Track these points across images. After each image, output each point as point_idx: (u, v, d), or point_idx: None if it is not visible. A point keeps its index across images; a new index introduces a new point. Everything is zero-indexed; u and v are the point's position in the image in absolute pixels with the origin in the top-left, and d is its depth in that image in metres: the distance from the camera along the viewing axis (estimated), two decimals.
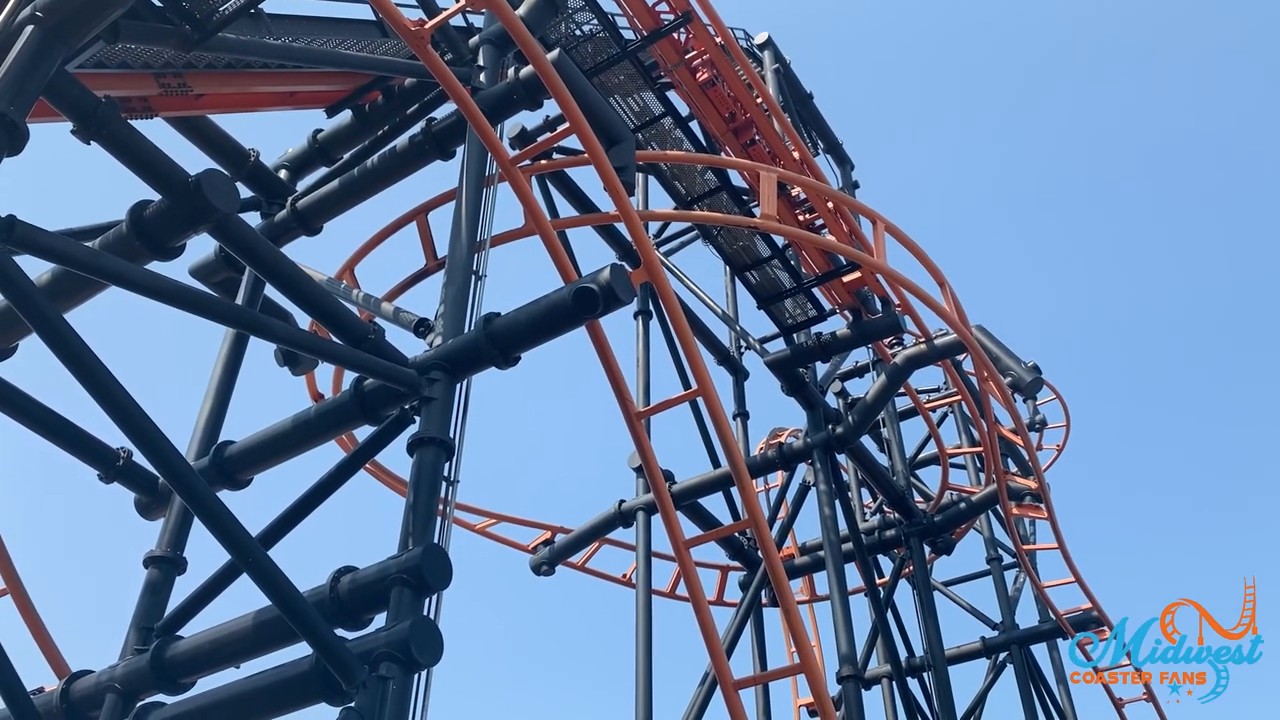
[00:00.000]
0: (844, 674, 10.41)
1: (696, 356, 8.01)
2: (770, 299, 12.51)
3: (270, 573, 5.20)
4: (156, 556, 6.90)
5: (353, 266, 10.59)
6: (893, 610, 13.67)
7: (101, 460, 7.17)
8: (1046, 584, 16.45)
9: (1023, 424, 15.23)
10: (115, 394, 4.92)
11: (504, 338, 6.42)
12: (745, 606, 12.24)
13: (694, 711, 10.84)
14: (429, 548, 5.55)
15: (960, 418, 19.36)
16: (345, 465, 6.83)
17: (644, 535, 11.89)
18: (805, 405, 12.39)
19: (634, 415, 7.80)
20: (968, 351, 12.25)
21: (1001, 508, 14.37)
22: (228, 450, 7.17)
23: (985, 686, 16.80)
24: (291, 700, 5.41)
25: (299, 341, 7.15)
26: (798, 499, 14.03)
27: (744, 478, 8.09)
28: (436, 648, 5.21)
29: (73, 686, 6.36)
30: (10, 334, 7.17)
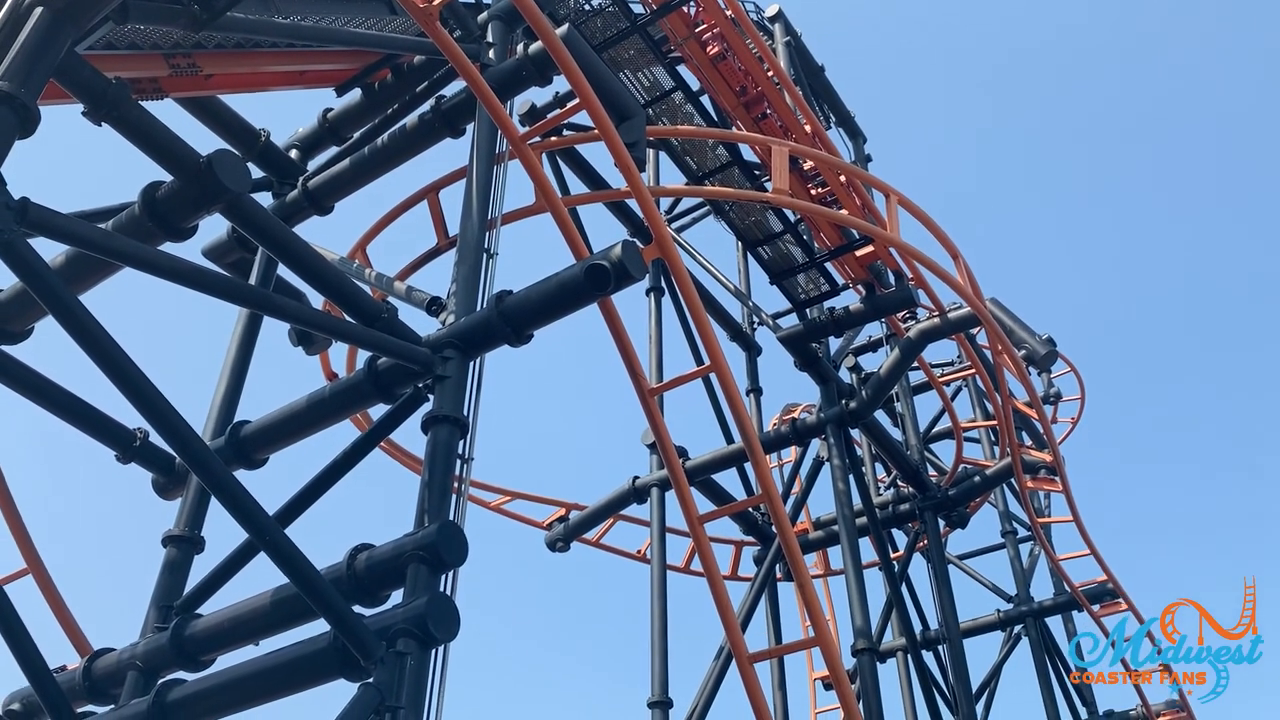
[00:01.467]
0: (859, 647, 10.45)
1: (709, 332, 7.99)
2: (782, 274, 12.47)
3: (288, 551, 5.24)
4: (175, 536, 6.97)
5: (364, 246, 10.60)
6: (907, 584, 13.69)
7: (118, 441, 7.22)
8: (1061, 557, 16.43)
9: (1037, 397, 15.17)
10: (131, 375, 4.95)
11: (516, 315, 6.42)
12: (760, 581, 12.27)
13: (709, 685, 10.90)
14: (445, 525, 5.58)
15: (974, 391, 19.30)
16: (360, 443, 6.86)
17: (658, 511, 11.92)
18: (818, 380, 12.36)
19: (647, 392, 7.80)
20: (982, 325, 12.19)
21: (1016, 481, 14.34)
22: (244, 430, 7.22)
23: (1000, 659, 16.84)
24: (310, 677, 5.46)
25: (312, 321, 7.17)
26: (811, 474, 14.04)
27: (757, 453, 8.09)
28: (453, 623, 5.25)
29: (95, 664, 6.44)
30: (26, 316, 7.21)
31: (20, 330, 7.31)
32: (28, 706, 6.57)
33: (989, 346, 13.95)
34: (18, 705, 6.63)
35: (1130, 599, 16.31)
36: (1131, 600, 16.32)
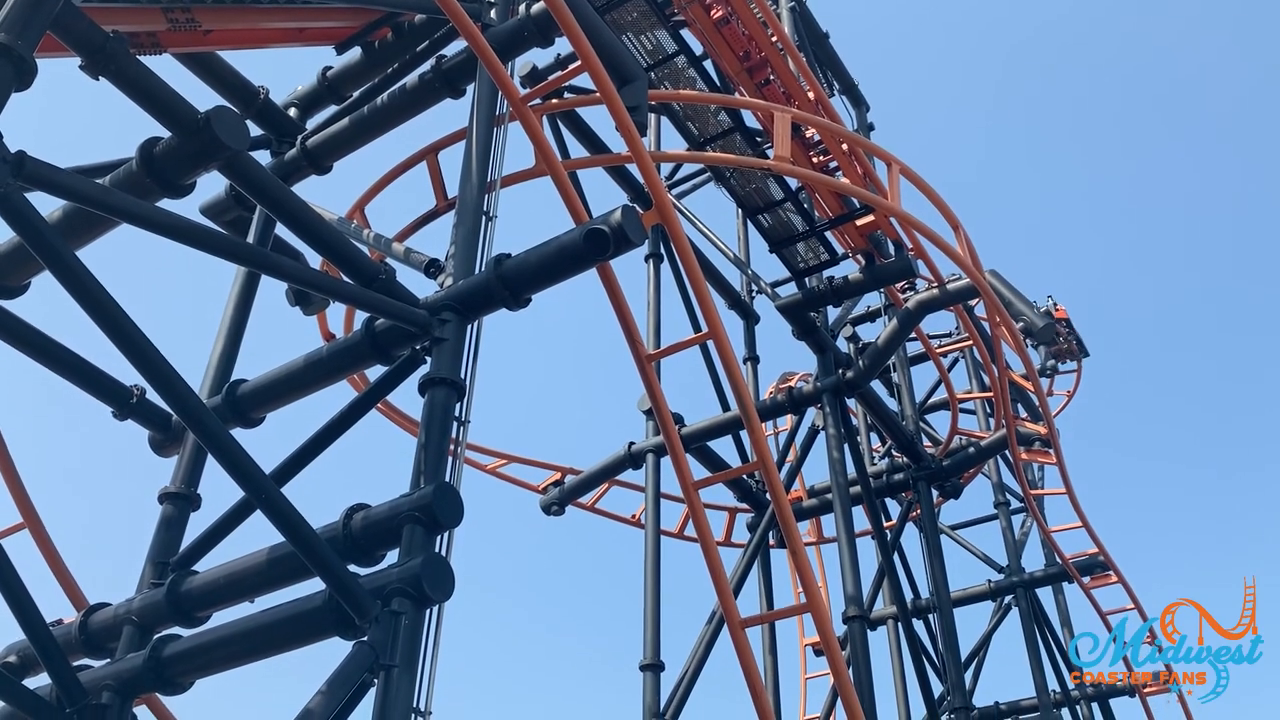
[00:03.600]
0: (850, 614, 10.53)
1: (707, 300, 7.98)
2: (782, 242, 12.44)
3: (284, 509, 5.26)
4: (171, 493, 6.98)
5: (363, 206, 10.55)
6: (899, 553, 13.78)
7: (115, 397, 7.22)
8: (1053, 528, 16.54)
9: (1034, 369, 15.20)
10: (128, 331, 4.94)
11: (514, 279, 6.41)
12: (753, 547, 12.35)
13: (701, 649, 10.99)
14: (440, 486, 5.59)
15: (971, 363, 19.33)
16: (357, 404, 6.87)
17: (653, 477, 11.96)
18: (816, 349, 12.37)
19: (644, 358, 7.80)
20: (980, 296, 12.18)
21: (1010, 452, 14.40)
22: (240, 388, 7.22)
23: (990, 628, 17.00)
24: (305, 634, 5.50)
25: (310, 281, 7.15)
26: (806, 443, 14.08)
27: (753, 420, 8.11)
28: (448, 584, 5.28)
29: (91, 618, 6.48)
30: (23, 271, 7.18)
31: (17, 285, 7.28)
32: (24, 659, 6.61)
33: (987, 318, 13.95)
34: (14, 658, 6.68)
35: (1120, 571, 16.45)
36: (1122, 572, 16.47)
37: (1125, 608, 16.75)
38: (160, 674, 5.78)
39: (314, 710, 4.87)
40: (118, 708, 5.72)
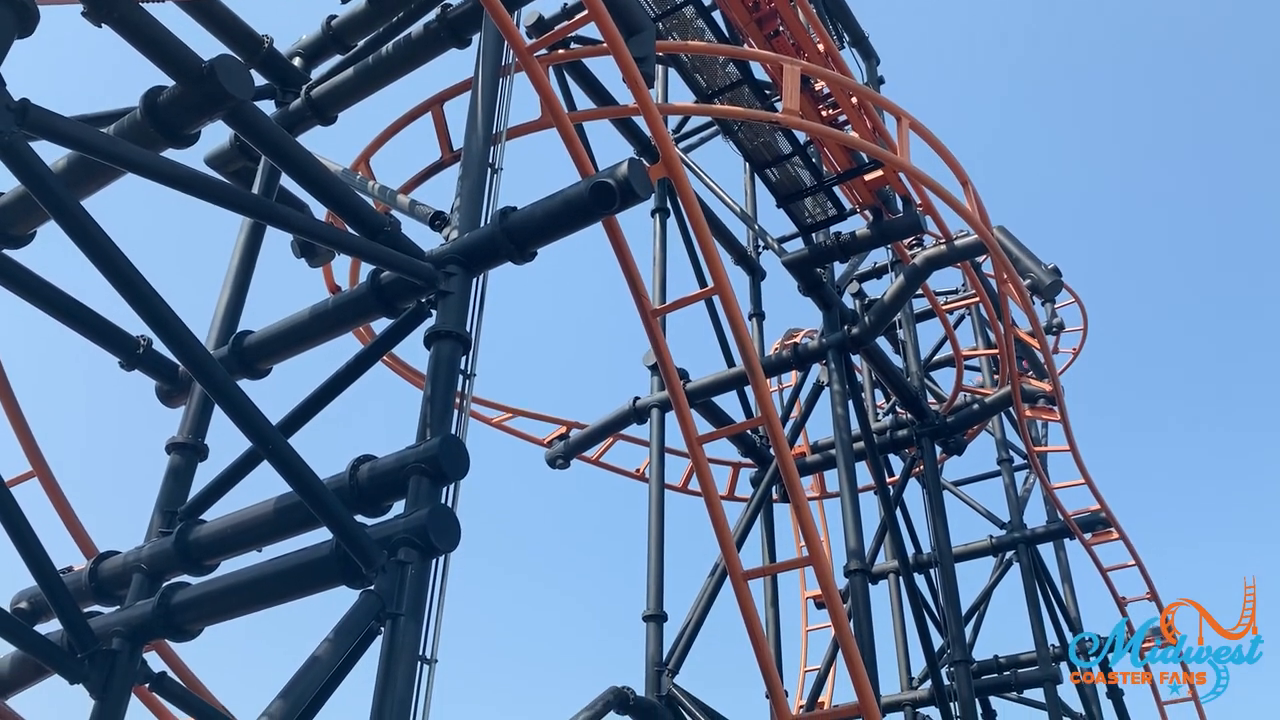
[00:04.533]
0: (852, 568, 10.61)
1: (714, 255, 7.95)
2: (790, 197, 12.36)
3: (290, 459, 5.29)
4: (179, 443, 7.03)
5: (368, 158, 10.49)
6: (902, 508, 13.85)
7: (122, 348, 7.24)
8: (1056, 485, 16.61)
9: (1040, 327, 15.17)
10: (134, 281, 4.94)
11: (520, 232, 6.38)
12: (756, 501, 12.42)
13: (703, 601, 11.10)
14: (446, 438, 5.62)
15: (977, 320, 19.29)
16: (363, 356, 6.88)
17: (658, 431, 12.01)
18: (822, 305, 12.35)
19: (650, 313, 7.80)
20: (988, 253, 12.12)
21: (1014, 409, 14.42)
22: (246, 340, 7.24)
23: (991, 583, 17.13)
24: (312, 582, 5.57)
25: (316, 232, 7.13)
26: (811, 399, 14.10)
27: (758, 375, 8.12)
28: (454, 534, 5.33)
29: (100, 566, 6.56)
30: (28, 220, 7.17)
31: (22, 234, 7.27)
32: (35, 605, 6.71)
33: (994, 275, 13.90)
34: (25, 604, 6.77)
35: (1122, 528, 16.55)
36: (1123, 529, 16.56)
37: (1126, 564, 16.89)
38: (169, 620, 5.86)
39: (321, 657, 4.94)
40: (128, 653, 5.80)
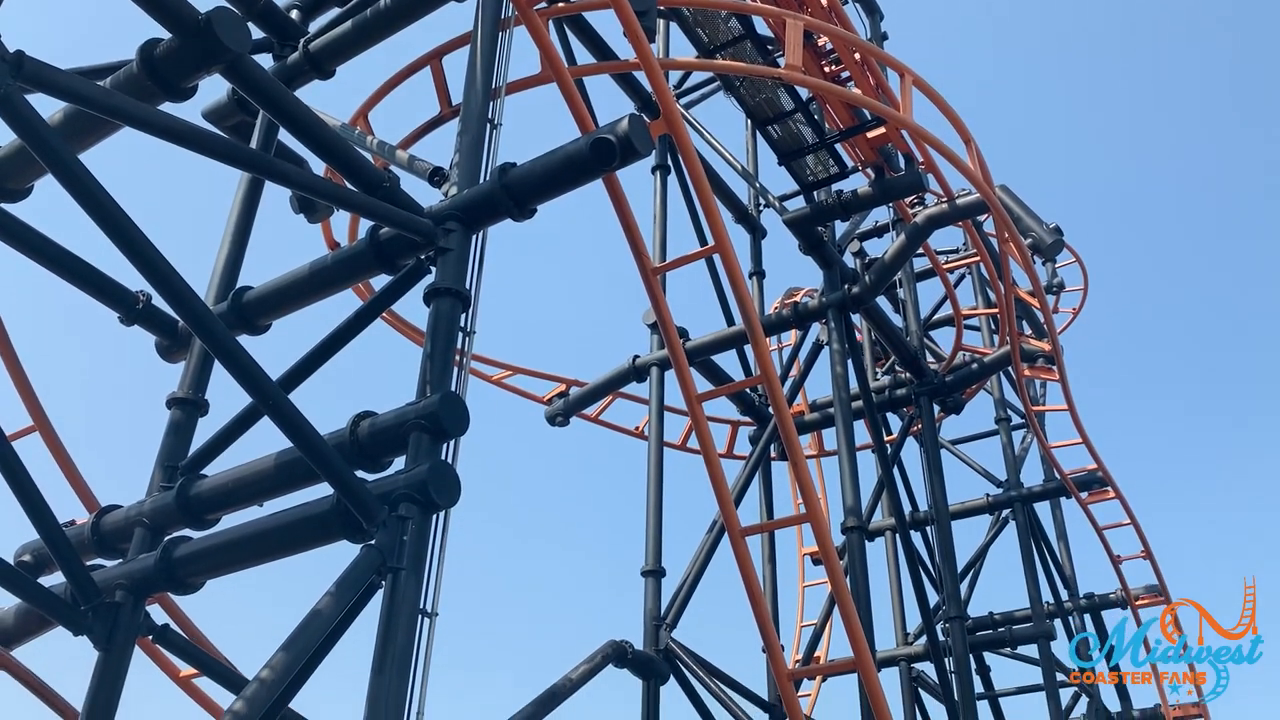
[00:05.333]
0: (849, 525, 10.68)
1: (715, 213, 7.92)
2: (792, 154, 12.28)
3: (291, 415, 5.30)
4: (179, 398, 7.04)
5: (366, 112, 10.41)
6: (899, 467, 13.92)
7: (121, 303, 7.23)
8: (1053, 444, 16.68)
9: (1040, 286, 15.14)
10: (132, 236, 4.92)
11: (519, 189, 6.35)
12: (754, 459, 12.48)
13: (701, 557, 11.19)
14: (446, 395, 5.63)
15: (977, 279, 19.27)
16: (362, 313, 6.88)
17: (657, 389, 12.04)
18: (822, 264, 12.32)
19: (650, 271, 7.79)
20: (989, 212, 12.07)
21: (1013, 369, 14.45)
22: (246, 295, 7.23)
23: (986, 541, 17.26)
24: (314, 537, 5.60)
25: (314, 187, 7.08)
26: (810, 358, 14.12)
27: (758, 334, 8.12)
28: (454, 490, 5.36)
29: (103, 520, 6.60)
30: (24, 174, 7.12)
31: (19, 188, 7.23)
32: (38, 558, 6.76)
33: (995, 234, 13.85)
34: (29, 556, 6.82)
35: (1119, 487, 16.65)
36: (1120, 489, 16.67)
37: (1122, 523, 17.01)
38: (172, 574, 5.91)
39: (322, 610, 4.99)
40: (131, 606, 5.86)
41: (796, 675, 9.50)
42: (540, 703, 8.53)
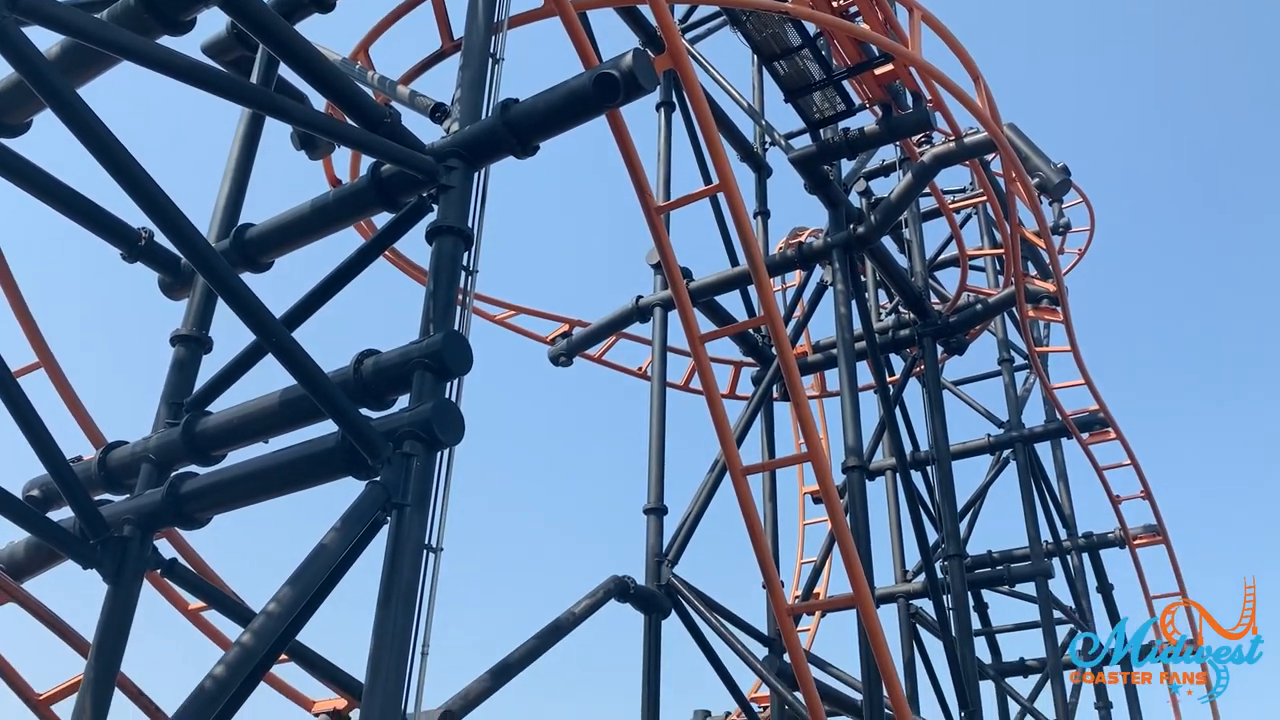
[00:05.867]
0: (849, 464, 10.74)
1: (719, 151, 7.84)
2: (798, 91, 12.11)
3: (294, 352, 5.32)
4: (183, 335, 7.06)
5: (367, 47, 10.28)
6: (901, 407, 13.96)
7: (123, 240, 7.21)
8: (1055, 385, 16.71)
9: (1046, 226, 15.06)
10: (132, 171, 4.88)
11: (522, 125, 6.29)
12: (757, 399, 12.52)
13: (703, 495, 11.28)
14: (449, 334, 5.64)
15: (983, 219, 19.14)
16: (365, 251, 6.86)
17: (660, 330, 12.04)
18: (828, 204, 12.22)
19: (654, 210, 7.74)
20: (997, 151, 11.95)
21: (1018, 309, 14.42)
22: (248, 233, 7.20)
23: (987, 481, 17.38)
24: (319, 473, 5.65)
25: (315, 123, 7.01)
26: (814, 298, 14.09)
27: (761, 274, 8.09)
28: (458, 428, 5.39)
29: (109, 455, 6.65)
30: (23, 109, 7.07)
31: (18, 123, 7.17)
32: (46, 493, 6.83)
33: (1003, 173, 13.72)
34: (37, 491, 6.89)
35: (1120, 428, 16.70)
36: (1121, 430, 16.72)
37: (1122, 463, 17.10)
38: (179, 509, 5.97)
39: (328, 545, 5.06)
40: (139, 540, 5.94)
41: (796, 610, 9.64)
42: (544, 636, 8.67)
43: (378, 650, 4.84)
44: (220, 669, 4.72)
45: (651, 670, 9.80)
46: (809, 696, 7.97)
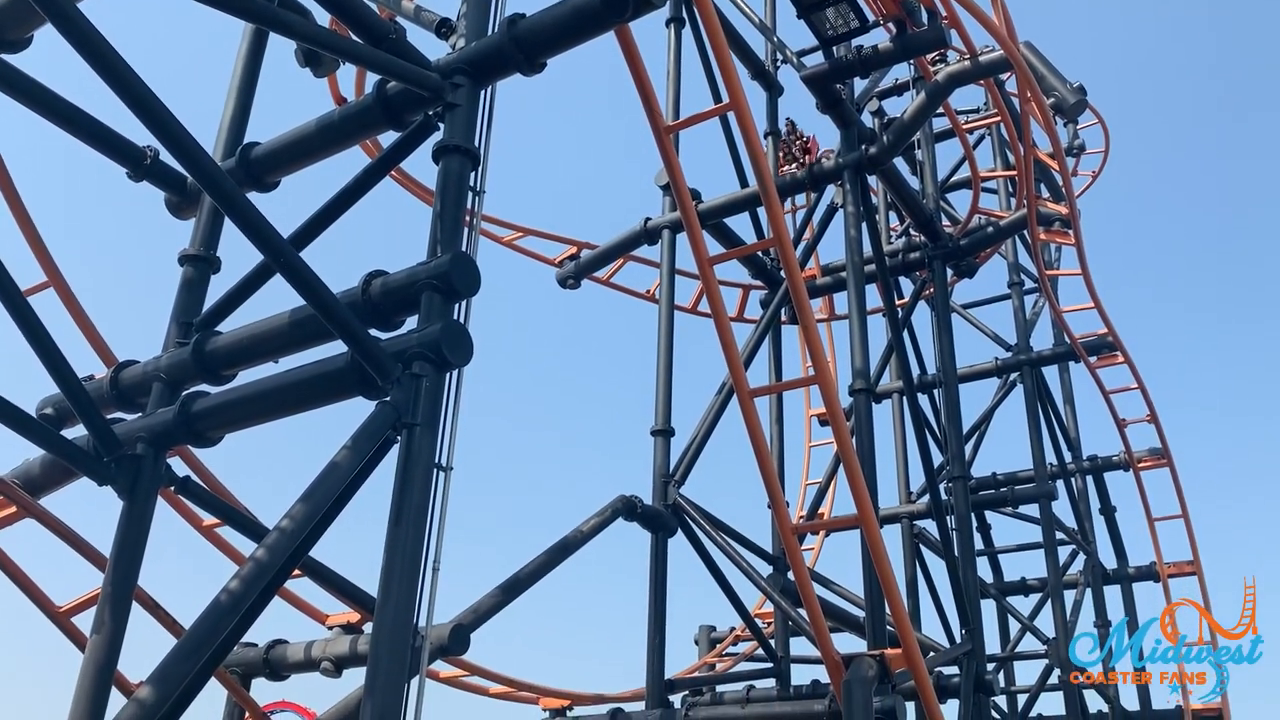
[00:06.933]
0: (856, 387, 10.77)
1: (730, 68, 7.70)
2: (811, 7, 11.83)
3: (302, 272, 5.31)
4: (191, 255, 7.05)
5: None
6: (909, 331, 13.95)
7: (129, 158, 7.16)
8: (1065, 309, 16.66)
9: (1060, 148, 14.85)
10: (136, 88, 4.82)
11: (529, 41, 6.18)
12: (765, 322, 12.50)
13: (710, 417, 11.34)
14: (457, 255, 5.62)
15: (997, 140, 18.87)
16: (371, 170, 6.80)
17: (668, 252, 11.98)
18: (840, 123, 12.04)
19: (663, 129, 7.64)
20: (1012, 70, 11.73)
21: (1029, 232, 14.31)
22: (253, 151, 7.14)
23: (993, 404, 17.44)
24: (330, 393, 5.70)
25: (319, 39, 6.89)
26: (824, 221, 13.98)
27: (771, 195, 8.01)
28: (467, 349, 5.41)
29: (121, 374, 6.70)
30: (23, 24, 6.94)
31: (19, 39, 7.06)
32: (60, 411, 6.90)
33: (1017, 93, 13.49)
34: (50, 410, 6.96)
35: (1128, 352, 16.70)
36: (1129, 353, 16.71)
37: (1129, 386, 17.12)
38: (190, 427, 6.03)
39: (340, 463, 5.12)
40: (152, 457, 6.01)
41: (800, 530, 9.75)
42: (553, 552, 8.82)
43: (390, 566, 4.93)
44: (236, 583, 4.82)
45: (658, 587, 9.97)
46: (812, 612, 8.11)
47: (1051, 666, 14.63)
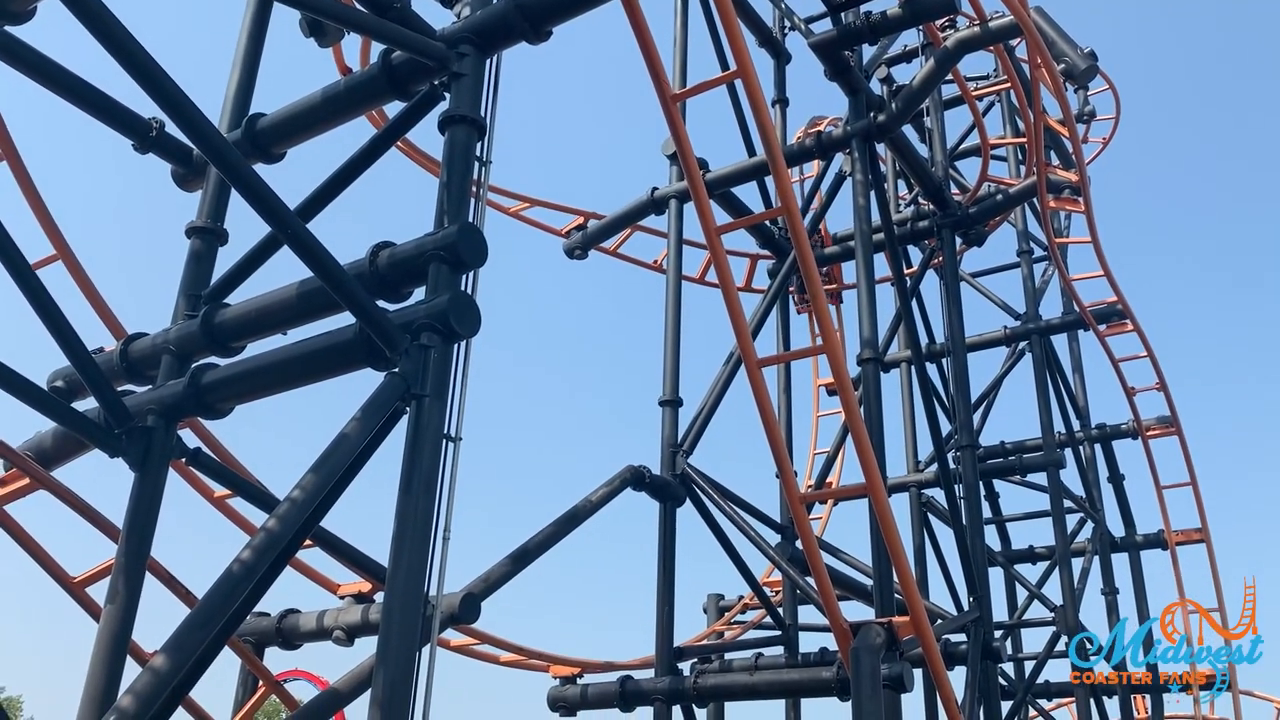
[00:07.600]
0: (864, 356, 10.75)
1: (737, 35, 7.64)
2: None
3: (309, 243, 5.32)
4: (198, 227, 7.05)
5: None
6: (918, 300, 13.90)
7: (135, 130, 7.15)
8: (1074, 277, 16.57)
9: (1070, 114, 14.72)
10: (140, 59, 4.81)
11: (534, 9, 6.15)
12: (773, 292, 12.48)
13: (718, 387, 11.35)
14: (464, 226, 5.62)
15: (1006, 107, 18.70)
16: (377, 140, 6.79)
17: (676, 222, 11.93)
18: (848, 91, 11.94)
19: (670, 98, 7.58)
20: (1023, 35, 11.59)
21: (1039, 200, 14.20)
22: (259, 122, 7.12)
23: (1002, 372, 17.40)
24: (338, 364, 5.72)
25: (323, 8, 6.85)
26: (832, 189, 13.90)
27: (779, 164, 7.96)
28: (474, 320, 5.42)
29: (130, 347, 6.72)
30: None
31: (22, 10, 7.02)
32: (70, 383, 6.93)
33: (1028, 59, 13.35)
34: (61, 382, 6.99)
35: (1137, 320, 16.63)
36: (1138, 321, 16.65)
37: (1138, 354, 17.07)
38: (200, 399, 6.06)
39: (349, 434, 5.14)
40: (163, 429, 6.04)
41: (808, 499, 9.73)
42: (561, 522, 8.85)
43: (400, 536, 4.96)
44: (248, 553, 4.86)
45: (666, 556, 10.02)
46: (820, 581, 8.14)
47: (1059, 634, 14.69)
